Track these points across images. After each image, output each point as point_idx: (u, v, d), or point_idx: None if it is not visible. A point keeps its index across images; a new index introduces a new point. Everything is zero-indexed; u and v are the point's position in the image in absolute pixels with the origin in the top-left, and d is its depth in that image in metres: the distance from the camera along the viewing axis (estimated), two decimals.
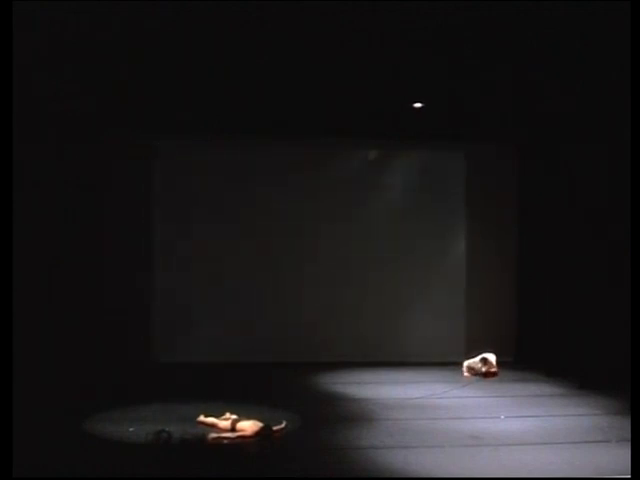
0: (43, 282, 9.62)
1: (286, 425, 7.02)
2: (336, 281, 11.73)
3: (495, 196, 11.95)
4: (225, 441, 6.69)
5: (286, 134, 11.35)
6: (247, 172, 11.65)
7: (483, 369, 10.31)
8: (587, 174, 10.18)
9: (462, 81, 9.08)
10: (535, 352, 11.11)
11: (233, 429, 6.87)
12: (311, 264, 11.72)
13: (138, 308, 11.19)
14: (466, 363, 10.48)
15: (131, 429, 6.94)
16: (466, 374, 10.36)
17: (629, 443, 4.89)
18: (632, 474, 4.37)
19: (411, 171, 11.97)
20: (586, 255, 10.13)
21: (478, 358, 10.43)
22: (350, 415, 7.90)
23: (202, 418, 7.26)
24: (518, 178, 11.97)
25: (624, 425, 6.95)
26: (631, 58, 5.02)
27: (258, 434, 6.72)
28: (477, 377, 10.25)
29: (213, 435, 6.75)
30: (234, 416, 7.07)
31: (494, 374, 10.31)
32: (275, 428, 6.84)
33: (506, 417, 7.81)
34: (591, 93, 9.09)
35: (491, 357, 10.39)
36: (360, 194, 11.86)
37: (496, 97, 9.76)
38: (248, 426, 6.82)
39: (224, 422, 7.05)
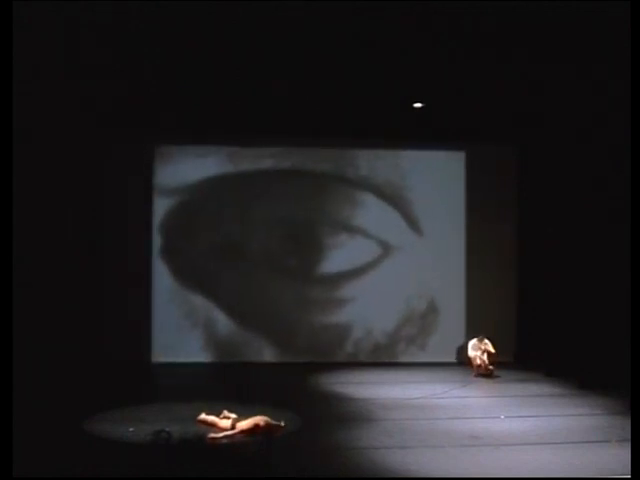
0: (42, 283, 9.61)
1: (286, 425, 7.01)
2: (336, 281, 11.73)
3: (495, 196, 11.95)
4: (225, 441, 6.68)
5: (286, 135, 11.33)
6: (247, 173, 11.65)
7: (482, 347, 10.40)
8: (587, 174, 10.17)
9: (462, 81, 9.09)
10: (535, 352, 11.11)
11: (233, 429, 6.86)
12: (311, 265, 11.73)
13: (138, 308, 11.19)
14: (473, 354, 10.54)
15: (131, 429, 6.94)
16: (478, 362, 10.41)
17: (629, 443, 4.90)
18: (632, 474, 4.38)
19: (411, 171, 11.95)
20: (586, 255, 10.13)
21: (475, 339, 10.54)
22: (350, 415, 7.90)
23: (202, 417, 7.26)
24: (518, 178, 11.96)
25: (624, 425, 6.94)
26: (631, 58, 5.03)
27: (258, 433, 6.71)
28: (481, 365, 10.34)
29: (213, 435, 6.74)
30: (234, 416, 7.07)
31: (492, 355, 10.39)
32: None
33: (506, 417, 7.81)
34: (591, 93, 9.09)
35: (485, 340, 10.56)
36: (360, 195, 11.86)
37: (496, 97, 9.77)
38: (248, 426, 6.81)
39: (224, 422, 7.05)
